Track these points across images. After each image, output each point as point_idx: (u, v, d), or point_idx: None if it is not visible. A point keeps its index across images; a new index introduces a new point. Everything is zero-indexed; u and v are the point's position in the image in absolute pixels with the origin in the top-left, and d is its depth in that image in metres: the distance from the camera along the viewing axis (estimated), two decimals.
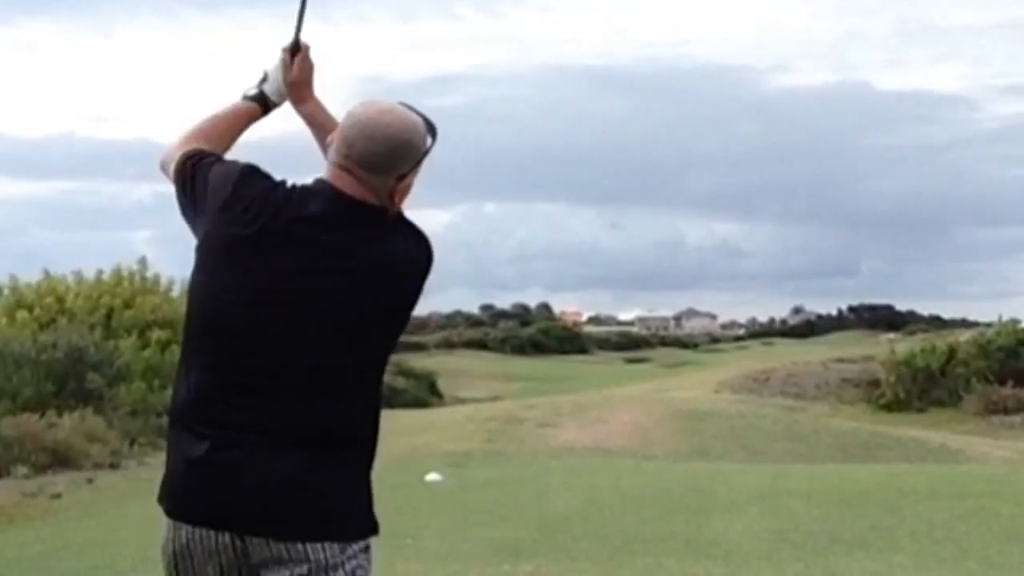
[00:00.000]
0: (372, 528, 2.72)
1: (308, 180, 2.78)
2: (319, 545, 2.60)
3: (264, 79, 3.12)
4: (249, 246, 2.67)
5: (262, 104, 3.11)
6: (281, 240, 2.66)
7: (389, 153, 2.68)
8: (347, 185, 2.70)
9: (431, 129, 2.75)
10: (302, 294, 2.63)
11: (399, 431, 18.38)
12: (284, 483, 2.60)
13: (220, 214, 2.71)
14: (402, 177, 2.71)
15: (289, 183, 2.78)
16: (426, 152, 2.74)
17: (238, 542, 2.62)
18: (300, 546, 2.60)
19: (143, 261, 23.48)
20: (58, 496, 12.50)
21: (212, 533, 2.64)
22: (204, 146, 2.91)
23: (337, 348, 2.64)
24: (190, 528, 2.66)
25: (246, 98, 3.11)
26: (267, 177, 2.78)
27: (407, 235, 2.75)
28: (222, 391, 2.66)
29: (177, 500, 2.71)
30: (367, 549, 2.69)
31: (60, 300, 21.64)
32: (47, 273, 22.98)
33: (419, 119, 2.73)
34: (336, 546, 2.62)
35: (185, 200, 2.82)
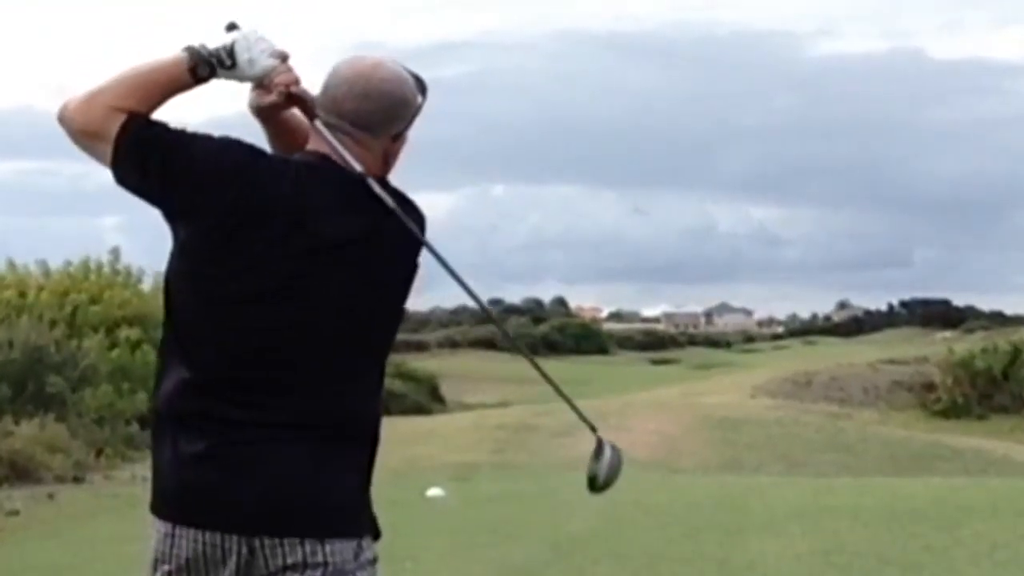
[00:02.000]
0: (377, 529, 2.81)
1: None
2: (335, 546, 2.67)
3: (228, 61, 2.79)
4: (250, 233, 2.69)
5: (200, 78, 2.80)
6: (284, 226, 2.70)
7: (385, 110, 2.77)
8: (342, 152, 2.76)
9: (421, 85, 2.84)
10: (309, 284, 2.69)
11: (397, 440, 18.40)
12: (295, 478, 2.67)
13: (214, 199, 2.70)
14: (397, 136, 2.82)
15: (283, 159, 2.82)
16: (419, 109, 2.83)
17: (244, 548, 2.66)
18: (315, 545, 2.66)
19: (115, 252, 23.56)
20: (15, 513, 12.52)
21: (219, 537, 2.67)
22: (142, 110, 2.72)
23: (345, 338, 2.72)
24: (194, 533, 2.69)
25: (192, 66, 2.77)
26: (261, 155, 2.80)
27: (405, 207, 2.81)
28: (219, 385, 2.70)
29: (176, 502, 2.73)
30: (375, 561, 2.77)
31: (22, 294, 21.66)
32: (12, 264, 23.05)
33: (408, 74, 2.83)
34: (350, 548, 2.69)
35: (150, 182, 2.72)
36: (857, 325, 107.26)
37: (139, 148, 2.70)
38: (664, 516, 10.40)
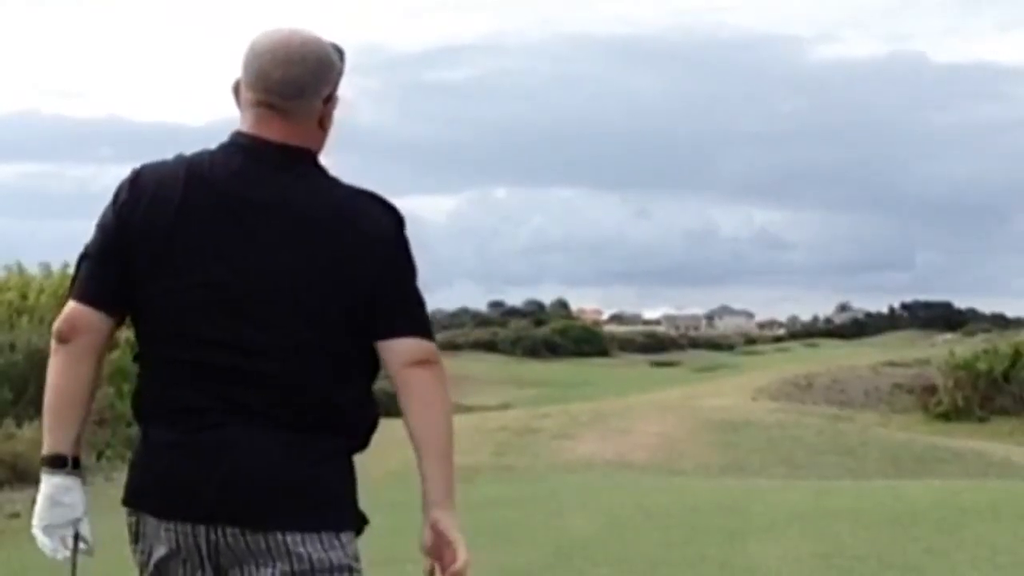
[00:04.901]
0: (360, 522, 2.83)
1: None
2: (300, 539, 2.66)
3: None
4: (181, 241, 2.73)
5: None
6: (212, 219, 2.72)
7: (312, 72, 2.79)
8: (274, 128, 2.79)
9: (339, 51, 2.89)
10: (252, 268, 2.71)
11: (395, 443, 18.26)
12: (258, 467, 2.66)
13: (138, 231, 2.75)
14: (328, 98, 2.84)
15: (192, 152, 2.82)
16: (341, 72, 2.87)
17: (213, 537, 2.66)
18: (278, 537, 2.64)
19: None
20: (16, 515, 12.52)
21: (189, 527, 2.68)
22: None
23: (300, 320, 2.71)
24: (166, 524, 2.71)
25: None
26: (162, 163, 2.82)
27: (354, 191, 2.83)
28: (185, 375, 2.72)
29: (150, 494, 2.75)
30: (355, 557, 2.78)
31: (23, 296, 21.69)
32: (19, 266, 23.05)
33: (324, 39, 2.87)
34: (319, 542, 2.68)
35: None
36: (858, 327, 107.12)
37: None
38: (665, 519, 10.38)
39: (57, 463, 2.80)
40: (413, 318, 2.83)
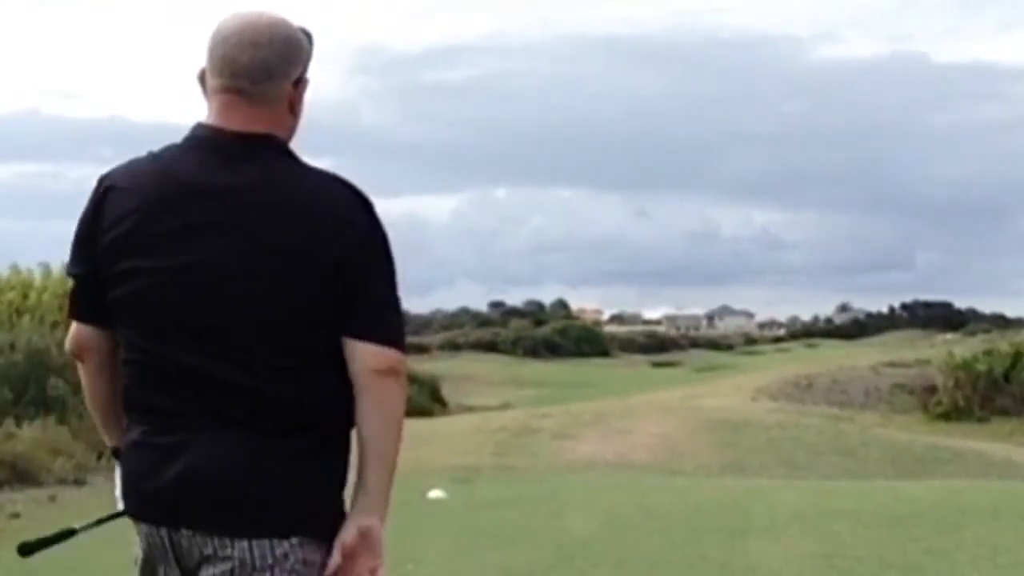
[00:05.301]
0: (323, 528, 2.66)
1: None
2: (247, 544, 2.59)
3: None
4: (142, 242, 2.69)
5: None
6: (171, 216, 2.66)
7: (280, 54, 2.70)
8: (239, 115, 2.70)
9: (306, 33, 2.80)
10: (208, 264, 2.63)
11: None
12: (211, 469, 2.60)
13: (105, 240, 2.74)
14: (298, 81, 2.76)
15: (160, 148, 2.77)
16: (310, 54, 2.79)
17: (175, 538, 2.64)
18: (224, 541, 2.59)
19: None
20: (16, 516, 12.51)
21: (154, 528, 2.68)
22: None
23: (257, 316, 2.62)
24: (134, 524, 2.74)
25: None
26: (128, 165, 2.79)
27: (323, 177, 2.72)
28: (155, 382, 2.69)
29: (125, 494, 2.78)
30: (311, 564, 2.64)
31: (24, 296, 21.69)
32: (16, 267, 23.04)
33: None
34: (268, 547, 2.59)
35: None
36: (858, 328, 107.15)
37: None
38: (665, 519, 10.38)
39: (116, 454, 2.88)
40: (381, 321, 2.68)
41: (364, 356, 2.64)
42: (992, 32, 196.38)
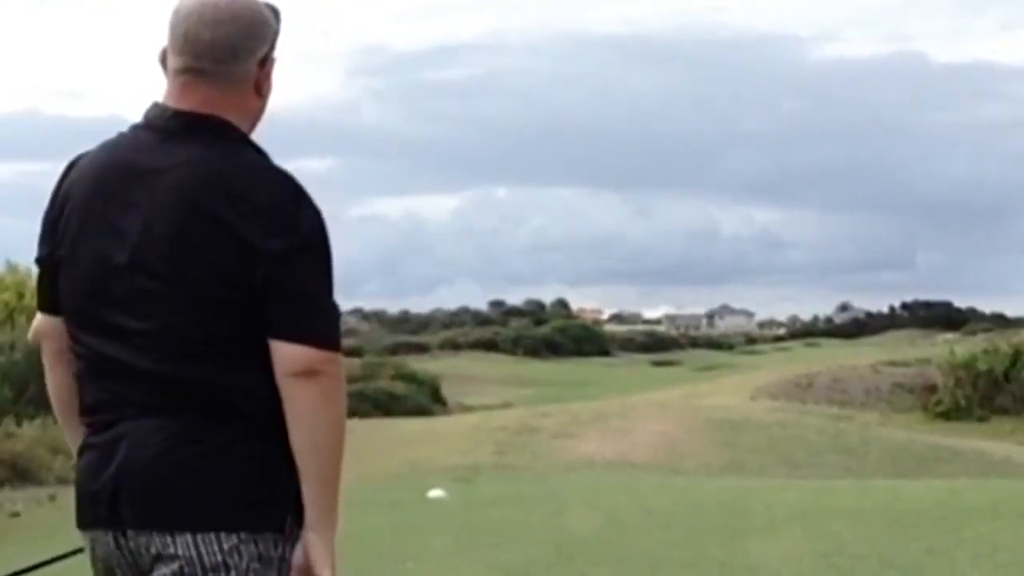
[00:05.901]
0: (274, 522, 2.55)
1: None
2: (190, 539, 2.48)
3: None
4: (84, 230, 2.61)
5: None
6: (111, 201, 2.58)
7: (243, 30, 2.57)
8: (197, 97, 2.58)
9: (273, 10, 2.67)
10: (132, 250, 2.53)
11: (398, 442, 18.36)
12: (143, 464, 2.50)
13: (58, 231, 2.67)
14: (264, 60, 2.63)
15: (108, 138, 2.69)
16: (277, 32, 2.66)
17: (122, 541, 2.55)
18: (167, 538, 2.49)
19: None
20: (16, 515, 12.52)
21: (100, 533, 2.59)
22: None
23: (178, 304, 2.50)
24: (82, 535, 2.66)
25: None
26: (85, 154, 2.71)
27: (259, 164, 2.59)
28: (93, 376, 2.61)
29: (76, 505, 2.68)
30: (262, 559, 2.52)
31: (21, 296, 21.69)
32: (11, 265, 23.06)
33: None
34: (215, 542, 2.48)
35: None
36: (858, 327, 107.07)
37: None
38: (666, 518, 10.38)
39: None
40: (303, 316, 2.50)
41: (279, 358, 2.49)
42: (992, 32, 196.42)
